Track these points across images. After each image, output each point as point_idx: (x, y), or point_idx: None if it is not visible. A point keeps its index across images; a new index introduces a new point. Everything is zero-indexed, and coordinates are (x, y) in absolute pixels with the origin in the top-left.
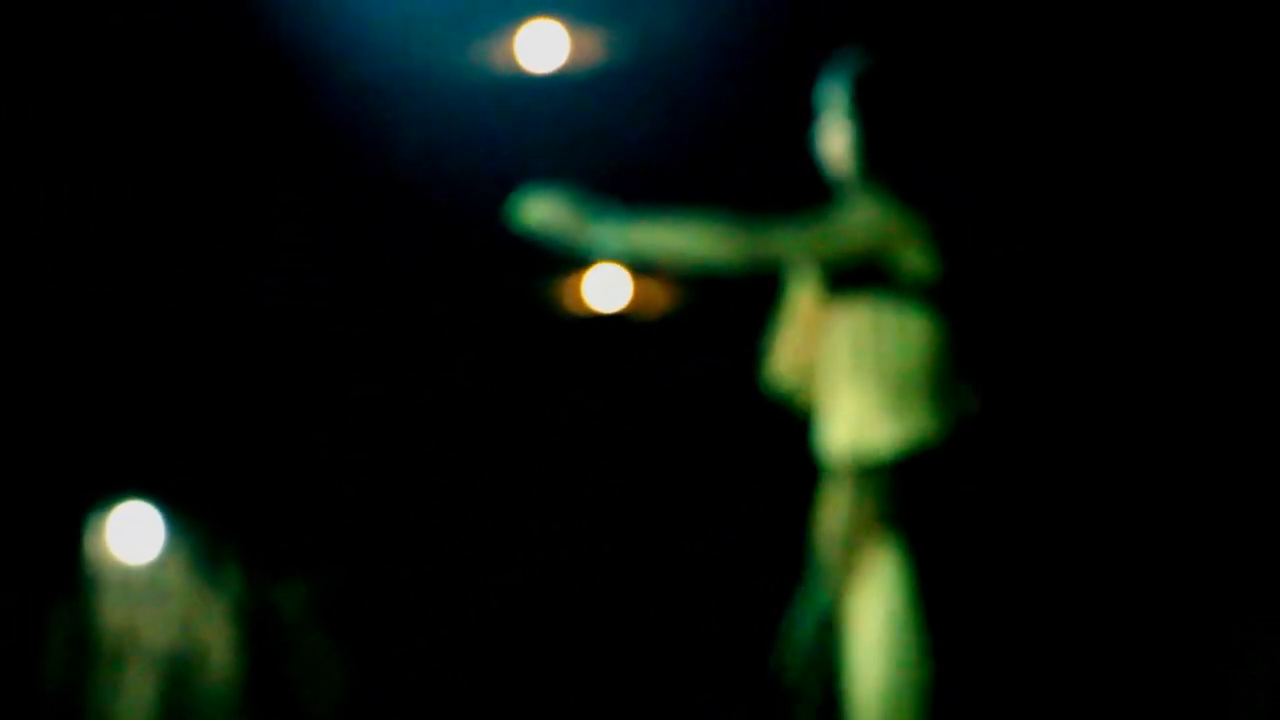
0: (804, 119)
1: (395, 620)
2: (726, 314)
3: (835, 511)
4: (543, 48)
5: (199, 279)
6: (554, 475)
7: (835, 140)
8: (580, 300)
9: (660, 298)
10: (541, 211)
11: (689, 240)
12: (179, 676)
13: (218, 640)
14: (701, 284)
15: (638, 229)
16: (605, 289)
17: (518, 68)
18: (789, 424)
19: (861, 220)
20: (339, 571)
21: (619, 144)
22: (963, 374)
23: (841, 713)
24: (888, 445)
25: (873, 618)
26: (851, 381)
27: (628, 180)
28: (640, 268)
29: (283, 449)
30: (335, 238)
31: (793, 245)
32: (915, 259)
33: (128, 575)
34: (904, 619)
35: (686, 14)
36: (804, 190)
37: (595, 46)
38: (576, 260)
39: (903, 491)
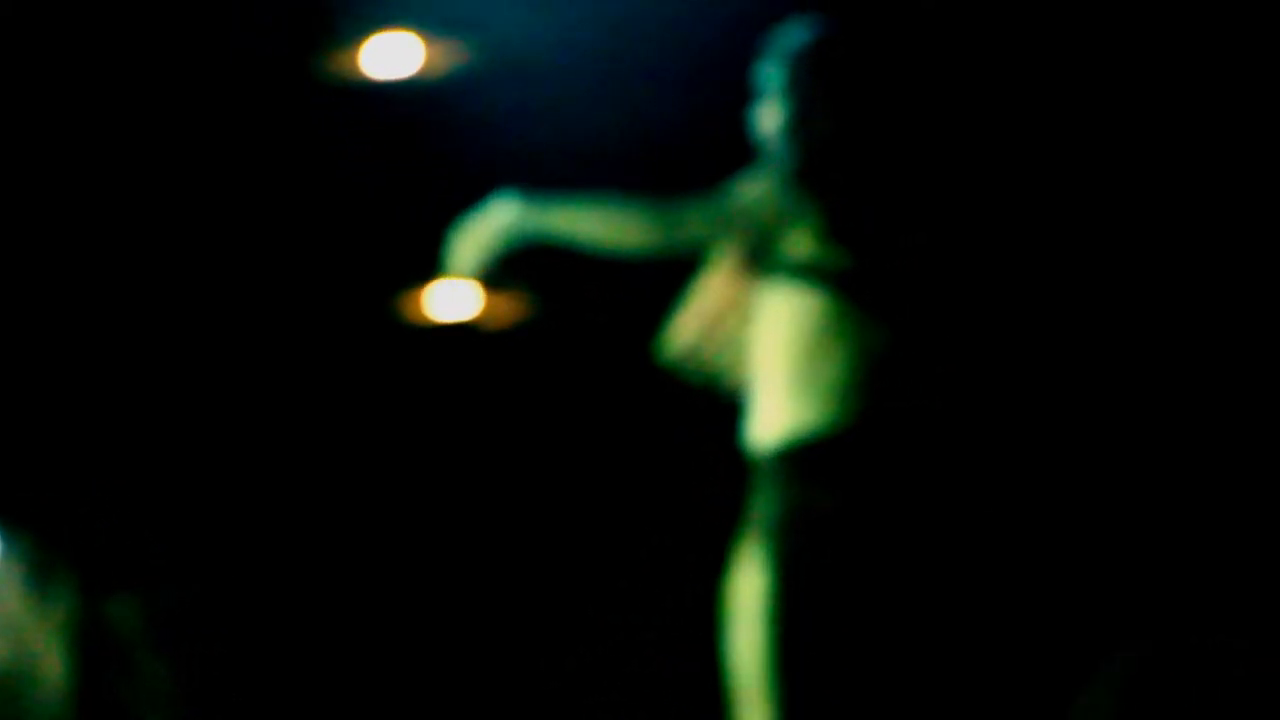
0: (658, 125)
1: (229, 637)
2: (574, 326)
3: (765, 502)
4: (393, 57)
5: (29, 288)
6: (396, 488)
7: (769, 119)
8: (425, 312)
9: (507, 309)
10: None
11: (609, 228)
12: (9, 692)
13: (49, 656)
14: (548, 295)
15: (563, 214)
16: (451, 300)
17: (367, 77)
18: (631, 433)
19: (757, 199)
20: (172, 588)
21: (472, 153)
22: (886, 362)
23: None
24: (798, 431)
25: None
26: (764, 369)
27: (482, 189)
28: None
29: (116, 463)
30: (175, 246)
31: (703, 227)
32: (802, 242)
33: None
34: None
35: (539, 23)
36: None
37: (447, 55)
38: (422, 271)
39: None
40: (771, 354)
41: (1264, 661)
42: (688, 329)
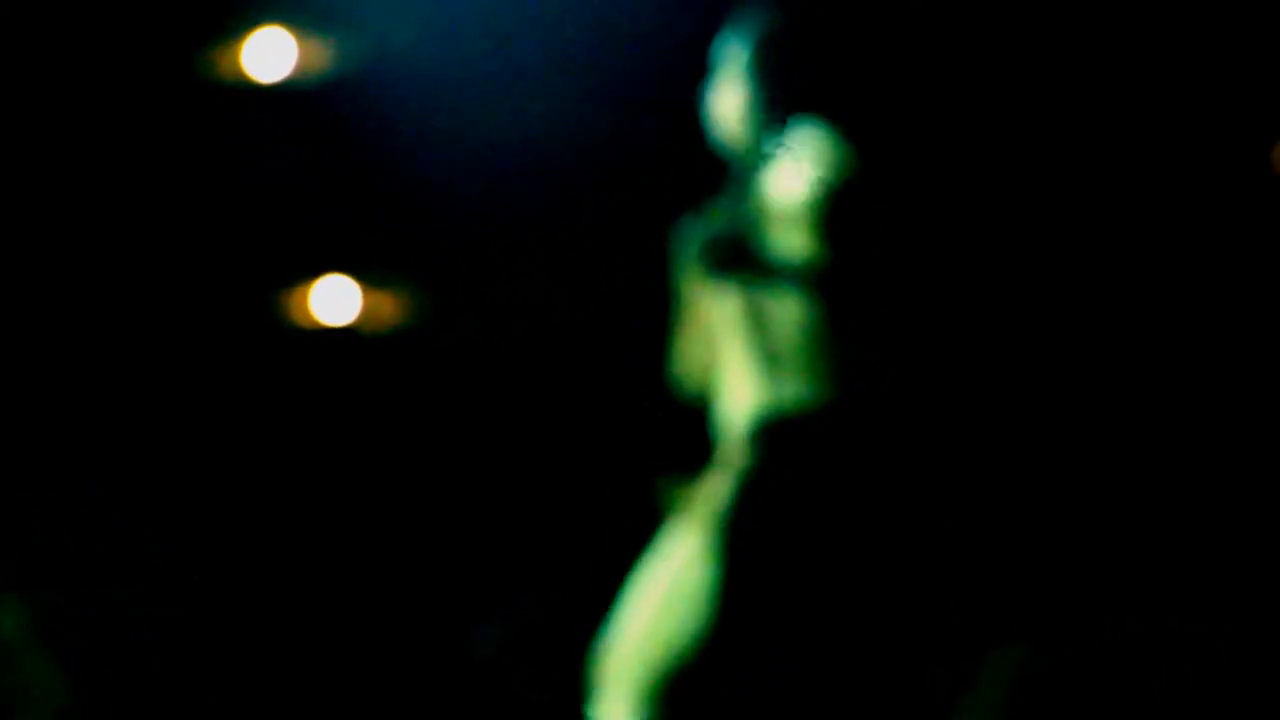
0: (536, 128)
1: (116, 640)
2: (456, 328)
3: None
4: (270, 56)
5: None
6: (279, 492)
7: (729, 101)
8: (307, 313)
9: (389, 311)
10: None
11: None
12: None
13: None
14: (430, 297)
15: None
16: (333, 302)
17: (244, 77)
18: (513, 441)
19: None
20: (58, 590)
21: (349, 154)
22: (855, 356)
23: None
24: (770, 409)
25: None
26: (732, 356)
27: (361, 190)
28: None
29: None
30: (53, 245)
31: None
32: (794, 240)
33: None
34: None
35: (419, 23)
36: (535, 200)
37: (324, 55)
38: (303, 272)
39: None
40: (747, 338)
41: (1151, 657)
42: (689, 354)
